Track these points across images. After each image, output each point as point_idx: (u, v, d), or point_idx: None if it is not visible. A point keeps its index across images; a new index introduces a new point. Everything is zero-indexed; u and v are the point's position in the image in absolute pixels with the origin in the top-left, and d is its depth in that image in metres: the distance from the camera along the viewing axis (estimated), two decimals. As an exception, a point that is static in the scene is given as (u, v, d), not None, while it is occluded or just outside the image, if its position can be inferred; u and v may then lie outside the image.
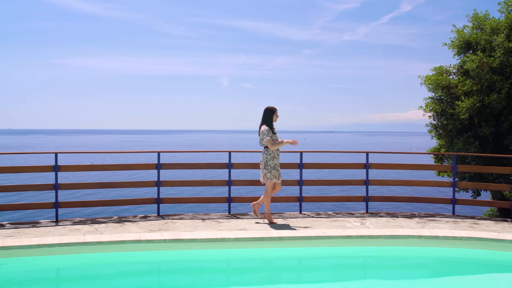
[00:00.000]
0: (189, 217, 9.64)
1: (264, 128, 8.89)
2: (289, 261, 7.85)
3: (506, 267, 7.67)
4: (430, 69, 14.06)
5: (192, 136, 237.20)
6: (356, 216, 9.96)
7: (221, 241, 7.82)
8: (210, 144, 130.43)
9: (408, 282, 7.08)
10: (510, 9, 13.09)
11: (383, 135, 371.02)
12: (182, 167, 10.34)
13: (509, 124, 12.16)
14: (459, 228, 8.79)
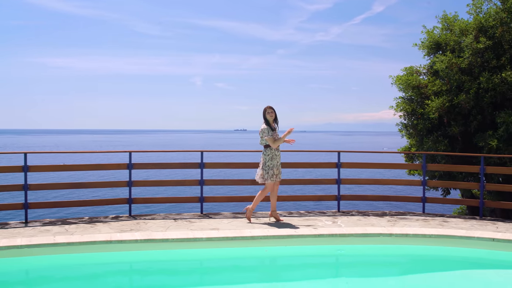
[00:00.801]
0: (161, 217, 9.60)
1: (263, 127, 8.94)
2: (261, 260, 7.87)
3: (474, 264, 7.83)
4: (401, 69, 14.24)
5: (165, 136, 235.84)
6: (328, 215, 10.03)
7: (193, 241, 7.80)
8: (183, 144, 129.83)
9: (379, 280, 7.16)
10: (478, 10, 13.30)
11: (356, 134, 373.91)
12: (154, 167, 10.29)
13: (477, 124, 12.37)
14: (429, 226, 8.92)
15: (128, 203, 9.83)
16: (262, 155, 9.03)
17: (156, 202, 10.99)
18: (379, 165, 11.20)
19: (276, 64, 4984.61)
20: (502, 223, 9.48)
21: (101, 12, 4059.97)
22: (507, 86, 11.83)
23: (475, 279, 7.09)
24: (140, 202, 10.48)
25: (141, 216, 9.64)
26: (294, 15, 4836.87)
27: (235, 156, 57.43)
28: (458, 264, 7.83)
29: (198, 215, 9.89)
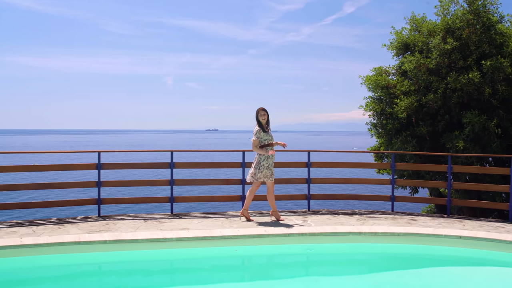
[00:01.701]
0: (130, 217, 9.52)
1: (255, 128, 9.03)
2: (231, 260, 7.86)
3: (442, 261, 7.95)
4: (370, 70, 14.38)
5: (135, 136, 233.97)
6: (298, 214, 10.07)
7: (163, 241, 7.75)
8: (154, 144, 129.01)
9: (348, 278, 7.22)
10: (445, 12, 13.50)
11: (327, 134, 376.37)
12: (123, 167, 10.20)
13: (445, 123, 12.56)
14: (397, 225, 9.02)
15: (97, 203, 9.72)
16: (257, 155, 9.08)
17: (126, 203, 10.91)
18: (349, 164, 11.30)
19: (247, 64, 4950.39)
20: (469, 221, 9.64)
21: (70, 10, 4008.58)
22: (474, 87, 12.04)
23: (442, 276, 7.20)
24: (110, 202, 10.38)
25: (110, 217, 9.55)
26: (265, 15, 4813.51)
27: (206, 156, 57.36)
28: (426, 261, 7.94)
29: (168, 215, 9.83)
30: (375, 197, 11.64)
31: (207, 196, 10.91)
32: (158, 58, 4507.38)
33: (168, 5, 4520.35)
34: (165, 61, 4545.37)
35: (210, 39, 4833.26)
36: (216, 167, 10.77)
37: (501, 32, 13.05)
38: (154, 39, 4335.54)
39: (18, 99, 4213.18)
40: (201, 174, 37.25)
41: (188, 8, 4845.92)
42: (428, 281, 7.03)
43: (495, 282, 6.92)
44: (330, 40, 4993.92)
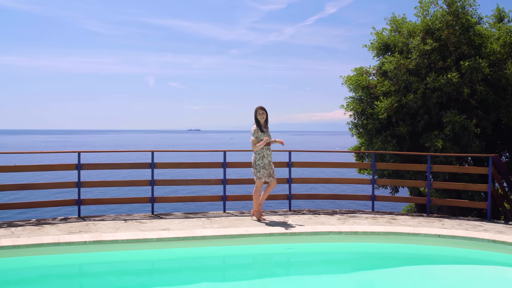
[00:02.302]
0: (111, 218, 9.47)
1: (252, 128, 9.06)
2: (212, 260, 7.86)
3: (421, 260, 8.03)
4: (351, 70, 14.45)
5: (117, 136, 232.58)
6: (279, 214, 10.10)
7: (143, 242, 7.72)
8: (135, 144, 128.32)
9: (328, 277, 7.26)
10: (425, 13, 13.63)
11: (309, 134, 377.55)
12: (103, 167, 10.15)
13: (424, 123, 12.67)
14: (378, 224, 9.09)
15: (77, 204, 9.65)
16: (253, 155, 9.14)
17: (106, 203, 10.83)
18: (330, 164, 11.36)
19: (229, 64, 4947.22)
20: (448, 220, 9.74)
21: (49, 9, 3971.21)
22: (453, 87, 12.16)
23: (421, 275, 7.26)
24: (90, 203, 10.31)
25: (90, 218, 9.48)
26: (247, 15, 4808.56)
27: (187, 156, 57.19)
28: (405, 260, 8.02)
29: (149, 215, 9.80)
30: (356, 197, 11.72)
31: (188, 197, 10.91)
32: (140, 57, 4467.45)
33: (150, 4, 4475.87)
34: (146, 61, 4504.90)
35: (191, 39, 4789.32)
36: (197, 167, 10.76)
37: (480, 33, 13.21)
38: (135, 39, 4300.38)
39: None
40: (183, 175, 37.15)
41: (169, 7, 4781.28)
42: (407, 279, 7.09)
43: (473, 280, 7.00)
44: (313, 41, 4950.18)
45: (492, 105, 12.59)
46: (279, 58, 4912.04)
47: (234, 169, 12.11)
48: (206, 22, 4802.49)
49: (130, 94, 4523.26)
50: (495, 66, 12.92)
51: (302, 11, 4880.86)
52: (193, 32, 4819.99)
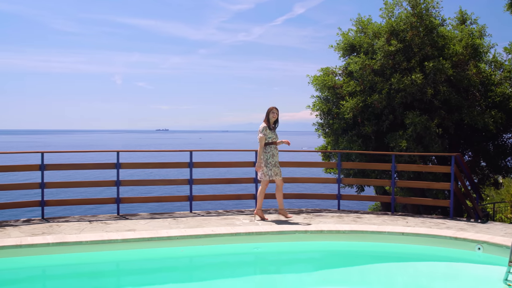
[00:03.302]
0: (75, 219, 9.35)
1: (261, 125, 9.19)
2: (178, 260, 7.83)
3: (385, 257, 8.14)
4: (318, 70, 14.55)
5: (83, 136, 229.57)
6: (246, 213, 10.11)
7: (108, 243, 7.63)
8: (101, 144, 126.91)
9: (293, 276, 7.31)
10: (390, 14, 13.82)
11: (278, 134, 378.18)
12: (68, 168, 10.01)
13: (389, 123, 12.85)
14: (343, 222, 9.18)
15: (40, 205, 9.51)
16: (262, 154, 9.21)
17: (71, 204, 10.66)
18: (296, 163, 11.43)
19: (197, 64, 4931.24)
20: (412, 218, 9.90)
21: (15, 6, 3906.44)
22: (416, 87, 12.37)
23: (385, 272, 7.36)
24: (54, 204, 10.14)
25: (54, 219, 9.34)
26: (216, 15, 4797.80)
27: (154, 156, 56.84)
28: (370, 258, 8.12)
29: (115, 216, 9.71)
30: (322, 196, 11.81)
31: (154, 197, 10.84)
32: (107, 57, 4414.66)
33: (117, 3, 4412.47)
34: (113, 60, 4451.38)
35: (160, 38, 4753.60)
36: (164, 167, 10.70)
37: (443, 35, 13.47)
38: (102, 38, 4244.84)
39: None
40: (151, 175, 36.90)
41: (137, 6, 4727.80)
42: (372, 277, 7.18)
43: (436, 276, 7.13)
44: (281, 41, 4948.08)
45: (454, 105, 12.84)
46: (248, 58, 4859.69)
47: (201, 169, 12.08)
48: (174, 22, 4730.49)
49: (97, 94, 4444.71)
50: (457, 67, 13.19)
51: (271, 11, 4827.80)
52: (161, 31, 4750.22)
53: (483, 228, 8.78)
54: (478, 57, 13.82)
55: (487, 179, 15.38)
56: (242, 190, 12.85)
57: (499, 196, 23.14)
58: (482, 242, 7.67)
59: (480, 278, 7.03)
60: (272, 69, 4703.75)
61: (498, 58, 14.70)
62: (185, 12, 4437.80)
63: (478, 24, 14.87)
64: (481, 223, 9.42)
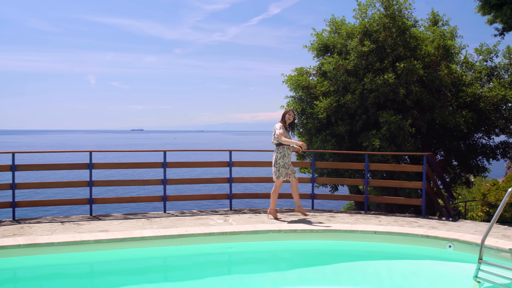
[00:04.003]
0: (47, 220, 9.24)
1: (277, 124, 9.28)
2: (151, 261, 7.79)
3: (358, 256, 8.21)
4: (292, 70, 14.62)
5: (56, 136, 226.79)
6: (220, 213, 10.11)
7: (80, 244, 7.56)
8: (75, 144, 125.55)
9: (268, 275, 7.34)
10: (363, 15, 13.94)
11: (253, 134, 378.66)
12: (40, 168, 9.90)
13: (362, 123, 12.96)
14: (317, 221, 9.23)
15: (11, 206, 9.37)
16: (274, 153, 9.42)
17: (43, 205, 10.53)
18: (270, 163, 11.43)
19: (173, 63, 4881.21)
20: (384, 216, 10.00)
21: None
22: (389, 88, 12.49)
23: (358, 271, 7.43)
24: (25, 205, 10.03)
25: (25, 220, 9.22)
26: (191, 14, 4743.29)
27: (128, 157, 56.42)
28: (343, 256, 8.18)
29: (88, 217, 9.62)
30: (296, 195, 11.85)
31: (127, 197, 10.75)
32: (81, 56, 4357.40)
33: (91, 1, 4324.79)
34: (88, 59, 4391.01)
35: (135, 38, 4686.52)
36: (137, 168, 10.64)
37: (415, 36, 13.63)
38: (75, 36, 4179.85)
39: None
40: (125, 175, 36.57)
41: (112, 5, 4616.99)
42: (345, 275, 7.24)
43: (407, 274, 7.22)
44: (256, 41, 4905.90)
45: (427, 105, 13.00)
46: (223, 58, 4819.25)
47: (176, 169, 12.01)
48: (150, 21, 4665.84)
49: (71, 93, 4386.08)
50: (429, 68, 13.37)
51: (246, 11, 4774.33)
52: (136, 30, 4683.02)
53: (454, 226, 8.91)
54: (450, 58, 14.01)
55: (458, 178, 15.60)
56: (217, 190, 12.84)
57: (471, 195, 23.52)
58: (453, 240, 7.78)
59: (451, 275, 7.15)
60: (248, 69, 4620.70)
61: (469, 59, 14.95)
62: (160, 12, 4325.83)
63: (450, 26, 15.10)
64: (453, 221, 9.56)
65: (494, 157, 15.07)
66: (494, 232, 8.37)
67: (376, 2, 13.74)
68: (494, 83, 14.08)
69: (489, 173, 15.83)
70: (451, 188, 15.33)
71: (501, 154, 15.21)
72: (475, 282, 6.20)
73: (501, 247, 7.09)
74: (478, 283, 6.17)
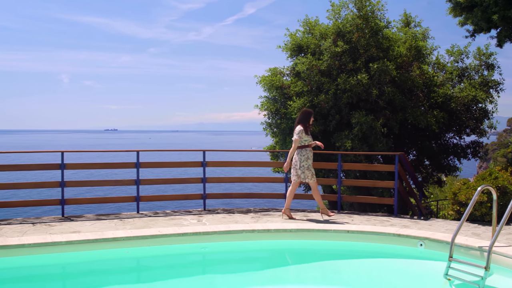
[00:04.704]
0: (18, 221, 9.10)
1: (298, 128, 9.21)
2: (124, 262, 7.73)
3: (331, 255, 8.26)
4: (266, 70, 14.66)
5: (29, 136, 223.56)
6: (194, 213, 10.08)
7: (51, 245, 7.46)
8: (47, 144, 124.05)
9: (241, 275, 7.34)
10: (337, 16, 14.04)
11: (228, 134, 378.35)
12: (10, 169, 9.76)
13: (335, 123, 13.05)
14: (290, 221, 9.26)
15: (-20, 207, 9.22)
16: (296, 156, 9.37)
17: (14, 206, 10.39)
18: (244, 163, 11.45)
19: (147, 63, 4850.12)
20: (357, 216, 10.08)
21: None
22: (362, 88, 12.61)
23: (331, 269, 7.48)
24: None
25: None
26: (166, 13, 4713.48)
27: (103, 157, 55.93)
28: (316, 256, 8.22)
29: (59, 218, 9.50)
30: (270, 195, 11.88)
31: (100, 198, 10.64)
32: (53, 55, 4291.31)
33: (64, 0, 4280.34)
34: (61, 58, 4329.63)
35: (109, 37, 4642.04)
36: (109, 168, 10.54)
37: (388, 37, 13.78)
38: (48, 35, 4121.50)
39: None
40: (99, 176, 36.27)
41: (85, 3, 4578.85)
42: (318, 274, 7.28)
43: (380, 272, 7.29)
44: (231, 41, 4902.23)
45: (399, 106, 13.15)
46: (198, 58, 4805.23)
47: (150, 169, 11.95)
48: (124, 20, 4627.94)
49: (44, 93, 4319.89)
50: (402, 69, 13.53)
51: (221, 11, 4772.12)
52: (110, 29, 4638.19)
53: (425, 225, 9.03)
54: (422, 58, 14.21)
55: (430, 177, 15.82)
56: (190, 190, 12.80)
57: (443, 194, 23.85)
58: (424, 239, 7.87)
59: (422, 273, 7.23)
60: (223, 69, 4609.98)
61: (440, 60, 15.18)
62: (135, 10, 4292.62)
63: (422, 27, 15.32)
64: (424, 220, 9.68)
65: (465, 156, 15.32)
66: (464, 230, 8.51)
67: (349, 3, 13.86)
68: (465, 83, 14.32)
69: (461, 172, 16.09)
70: (423, 187, 15.54)
71: (471, 154, 15.47)
72: (446, 280, 6.29)
73: (471, 245, 7.20)
74: (448, 280, 6.27)
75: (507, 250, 6.82)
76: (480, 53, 14.75)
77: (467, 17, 13.96)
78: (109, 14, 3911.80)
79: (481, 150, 15.80)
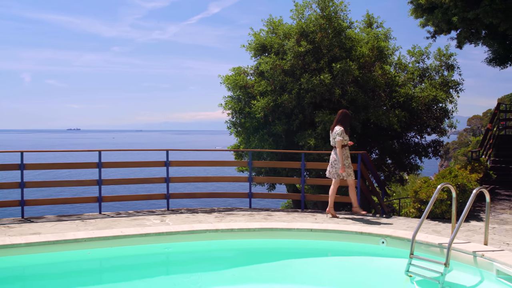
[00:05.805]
0: (-25, 223, 8.89)
1: (339, 128, 9.52)
2: (85, 263, 7.62)
3: (294, 253, 8.30)
4: (229, 69, 14.66)
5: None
6: (157, 213, 10.01)
7: (10, 247, 7.30)
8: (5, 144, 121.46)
9: (204, 275, 7.31)
10: (300, 16, 14.12)
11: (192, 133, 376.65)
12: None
13: (299, 122, 13.13)
14: (254, 220, 9.28)
15: None
16: (334, 154, 9.66)
17: (-29, 208, 10.14)
18: (208, 163, 11.42)
19: (111, 62, 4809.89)
20: (321, 214, 10.16)
21: None
22: (325, 88, 12.71)
23: (294, 268, 7.51)
24: (-49, 208, 9.61)
25: (-50, 224, 8.84)
26: (130, 11, 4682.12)
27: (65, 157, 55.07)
28: (280, 254, 8.24)
29: (19, 219, 9.31)
30: (234, 194, 11.87)
31: (61, 198, 10.47)
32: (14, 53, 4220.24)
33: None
34: (22, 57, 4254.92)
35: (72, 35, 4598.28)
36: (71, 168, 10.38)
37: (350, 37, 13.93)
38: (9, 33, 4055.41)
39: None
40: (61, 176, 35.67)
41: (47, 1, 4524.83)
42: (281, 273, 7.30)
43: (342, 270, 7.36)
44: (196, 40, 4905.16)
45: (361, 105, 13.31)
46: (162, 57, 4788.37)
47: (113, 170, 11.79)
48: (87, 18, 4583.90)
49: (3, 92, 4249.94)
50: (364, 69, 13.69)
51: (186, 10, 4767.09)
52: (74, 27, 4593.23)
53: (387, 223, 9.16)
54: (384, 59, 14.40)
55: (393, 176, 16.05)
56: (154, 190, 12.70)
57: (405, 192, 24.25)
58: (386, 236, 7.98)
59: (384, 270, 7.33)
60: (188, 68, 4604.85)
61: (402, 60, 15.43)
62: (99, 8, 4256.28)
63: (384, 28, 15.54)
64: (386, 218, 9.82)
65: (426, 155, 15.60)
66: (425, 227, 8.66)
67: (313, 3, 13.96)
68: (426, 84, 14.58)
69: (422, 170, 16.37)
70: (386, 185, 15.75)
71: (432, 152, 15.76)
72: (407, 277, 6.39)
73: (431, 242, 7.33)
74: (409, 277, 6.37)
75: (466, 246, 6.97)
76: (440, 54, 15.04)
77: (428, 19, 14.22)
78: (72, 11, 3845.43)
79: (441, 149, 16.12)
